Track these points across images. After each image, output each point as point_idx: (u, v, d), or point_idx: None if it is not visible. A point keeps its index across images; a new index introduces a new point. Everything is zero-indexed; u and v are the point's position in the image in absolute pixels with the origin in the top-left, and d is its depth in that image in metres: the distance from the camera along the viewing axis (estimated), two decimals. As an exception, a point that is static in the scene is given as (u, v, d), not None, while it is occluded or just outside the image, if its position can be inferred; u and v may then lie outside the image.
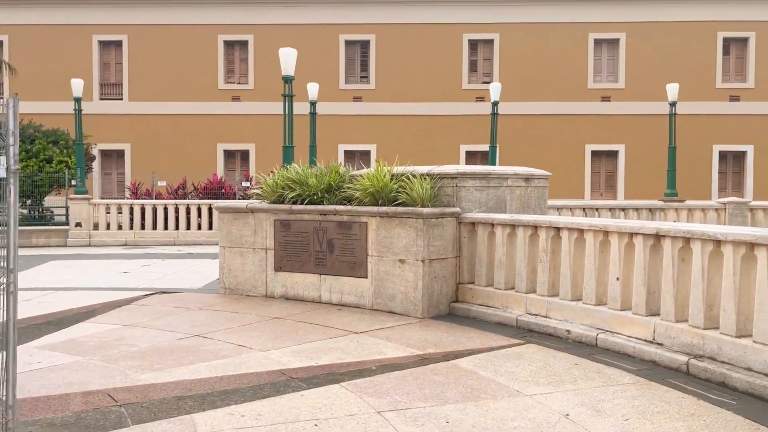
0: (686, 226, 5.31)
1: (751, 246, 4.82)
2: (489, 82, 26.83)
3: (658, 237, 5.64)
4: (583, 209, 13.48)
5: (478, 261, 7.48)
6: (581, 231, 6.38)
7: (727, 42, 27.00)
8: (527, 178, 8.32)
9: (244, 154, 27.84)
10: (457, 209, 7.58)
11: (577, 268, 6.46)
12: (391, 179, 7.64)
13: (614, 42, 27.29)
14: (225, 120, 27.29)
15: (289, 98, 13.11)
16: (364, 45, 27.64)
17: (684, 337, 5.33)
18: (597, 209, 13.59)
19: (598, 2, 26.84)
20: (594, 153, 27.87)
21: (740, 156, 27.42)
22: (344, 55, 27.59)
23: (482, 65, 27.92)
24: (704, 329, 5.20)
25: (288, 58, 13.42)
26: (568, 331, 6.27)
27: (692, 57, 26.60)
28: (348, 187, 8.06)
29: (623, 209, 13.84)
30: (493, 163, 19.32)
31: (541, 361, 5.54)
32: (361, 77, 27.96)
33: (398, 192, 7.52)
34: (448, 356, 5.71)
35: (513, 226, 7.10)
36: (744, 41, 26.91)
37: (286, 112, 13.08)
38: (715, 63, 26.94)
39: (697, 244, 5.25)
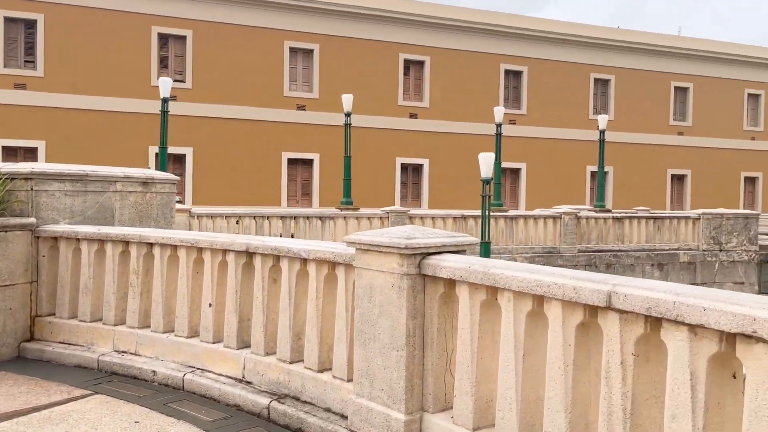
0: (275, 242, 4.51)
1: (333, 265, 4.15)
2: (182, 81, 25.01)
3: (249, 254, 4.75)
4: (238, 217, 12.60)
5: (60, 286, 5.85)
6: (174, 247, 5.22)
7: (408, 63, 29.26)
8: (145, 182, 6.95)
9: None
10: (32, 220, 5.85)
11: (171, 292, 5.30)
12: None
13: (309, 52, 27.61)
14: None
15: None
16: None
17: (272, 374, 4.49)
18: (266, 217, 12.82)
19: (294, 11, 26.89)
20: (290, 161, 27.78)
21: (418, 168, 29.92)
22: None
23: (173, 63, 25.86)
24: (290, 363, 4.41)
25: None
26: (154, 371, 5.04)
27: (378, 75, 28.21)
28: None
29: (294, 217, 13.33)
30: (164, 169, 17.52)
31: (91, 424, 4.19)
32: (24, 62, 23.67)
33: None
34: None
35: (102, 241, 5.66)
36: (421, 64, 29.48)
37: None
38: (397, 82, 28.98)
39: (285, 262, 4.46)
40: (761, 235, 19.17)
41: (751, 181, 35.05)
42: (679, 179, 33.33)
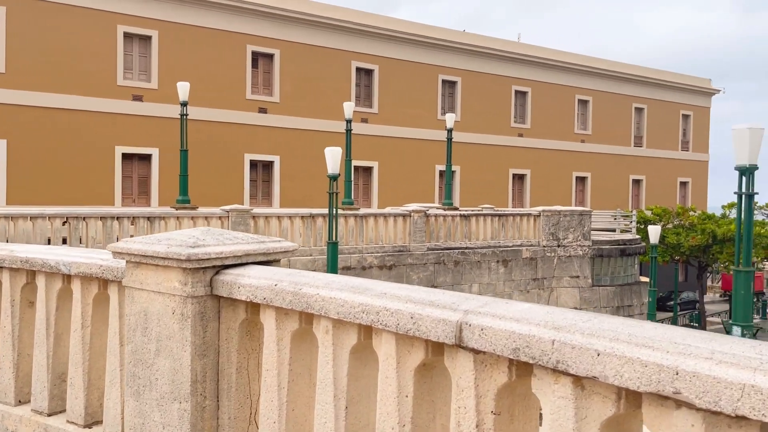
0: (28, 251, 3.33)
1: (104, 282, 3.07)
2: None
3: (-4, 269, 3.51)
4: (64, 218, 10.80)
5: None
6: None
7: (256, 56, 27.84)
8: None
9: None
10: None
11: None
12: None
13: (146, 39, 25.25)
14: None
15: None
16: None
17: (24, 431, 3.30)
18: (83, 218, 11.06)
19: (128, -8, 24.43)
20: (125, 156, 25.27)
21: (269, 165, 28.60)
22: None
23: None
24: (49, 415, 3.26)
25: None
26: None
27: (224, 66, 26.53)
28: None
29: (117, 218, 11.67)
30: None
31: None
32: None
33: None
34: None
35: None
36: (270, 57, 28.18)
37: None
38: (245, 75, 27.45)
39: (41, 279, 3.30)
40: (593, 231, 20.32)
41: (581, 180, 37.75)
42: (519, 178, 35.03)
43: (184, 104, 16.06)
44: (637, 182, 40.60)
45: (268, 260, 2.73)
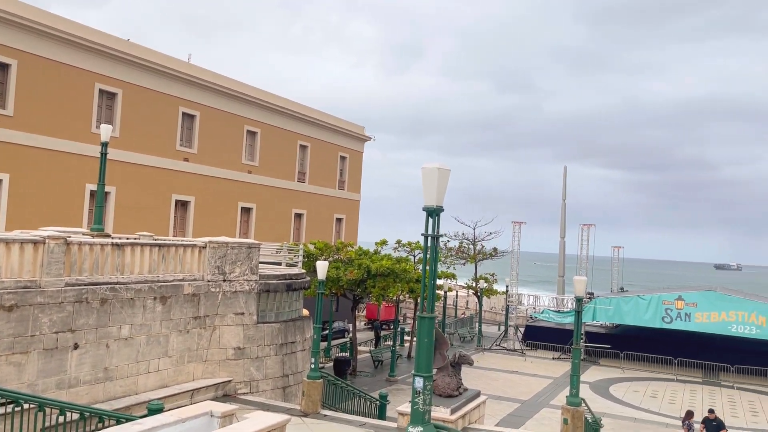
0: None
1: None
2: None
3: None
4: None
5: None
6: None
7: None
8: None
9: None
10: None
11: None
12: None
13: None
14: None
15: None
16: None
17: None
18: None
19: None
20: None
21: None
22: None
23: None
24: None
25: None
26: None
27: None
28: None
29: None
30: None
31: None
32: None
33: None
34: None
35: None
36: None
37: None
38: None
39: None
40: (260, 265, 19.56)
41: (246, 211, 37.36)
42: (183, 205, 32.90)
43: None
44: (299, 216, 42.02)
45: None
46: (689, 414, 20.61)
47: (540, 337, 44.39)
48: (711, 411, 19.76)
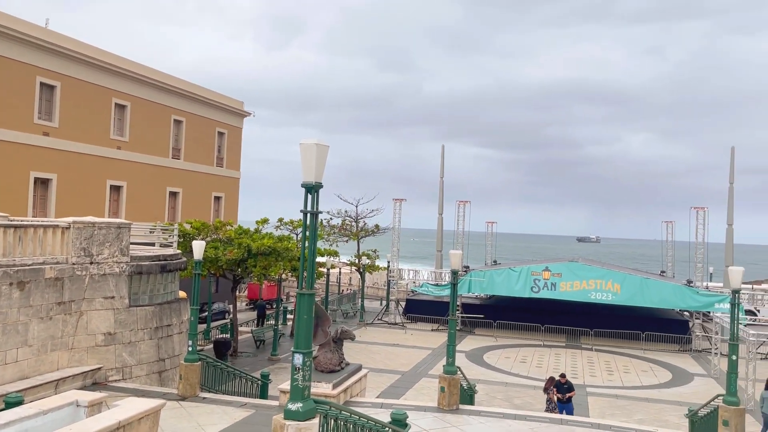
0: None
1: None
2: None
3: None
4: None
5: None
6: None
7: None
8: None
9: None
10: None
11: None
12: None
13: None
14: None
15: None
16: None
17: None
18: None
19: None
20: None
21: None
22: None
23: None
24: None
25: None
26: None
27: None
28: None
29: None
30: None
31: None
32: None
33: None
34: None
35: None
36: None
37: None
38: None
39: None
40: (132, 246, 18.58)
41: (116, 189, 35.22)
42: (43, 183, 30.40)
43: None
44: (174, 195, 40.23)
45: None
46: (551, 380, 22.25)
47: (420, 310, 45.90)
48: (563, 375, 21.51)
